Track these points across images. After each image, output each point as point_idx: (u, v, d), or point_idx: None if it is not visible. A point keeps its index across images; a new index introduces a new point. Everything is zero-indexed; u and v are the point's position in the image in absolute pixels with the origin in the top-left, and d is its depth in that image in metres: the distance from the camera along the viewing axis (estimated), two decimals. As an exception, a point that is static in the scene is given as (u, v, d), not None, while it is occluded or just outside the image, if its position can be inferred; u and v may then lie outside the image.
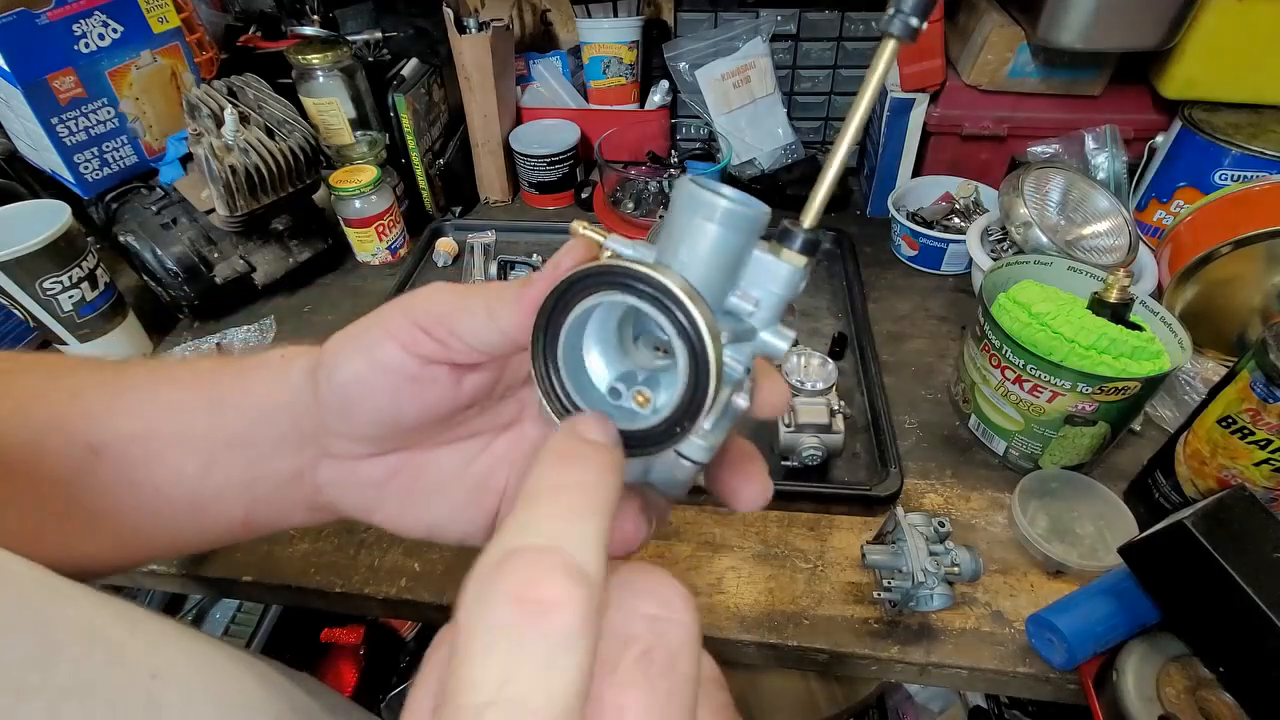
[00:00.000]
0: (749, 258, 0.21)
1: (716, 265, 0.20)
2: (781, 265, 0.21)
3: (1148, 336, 0.57)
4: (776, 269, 0.21)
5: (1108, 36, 0.73)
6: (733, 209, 0.19)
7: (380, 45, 0.95)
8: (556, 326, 0.21)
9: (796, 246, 0.20)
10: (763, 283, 0.21)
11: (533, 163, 0.98)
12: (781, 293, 0.21)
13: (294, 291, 0.89)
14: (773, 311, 0.21)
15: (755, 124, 1.00)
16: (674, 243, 0.20)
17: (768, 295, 0.21)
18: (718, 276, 0.20)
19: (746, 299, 0.21)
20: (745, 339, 0.21)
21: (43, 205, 0.71)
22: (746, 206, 0.20)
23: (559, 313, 0.21)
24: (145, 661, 0.21)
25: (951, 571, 0.50)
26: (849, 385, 0.73)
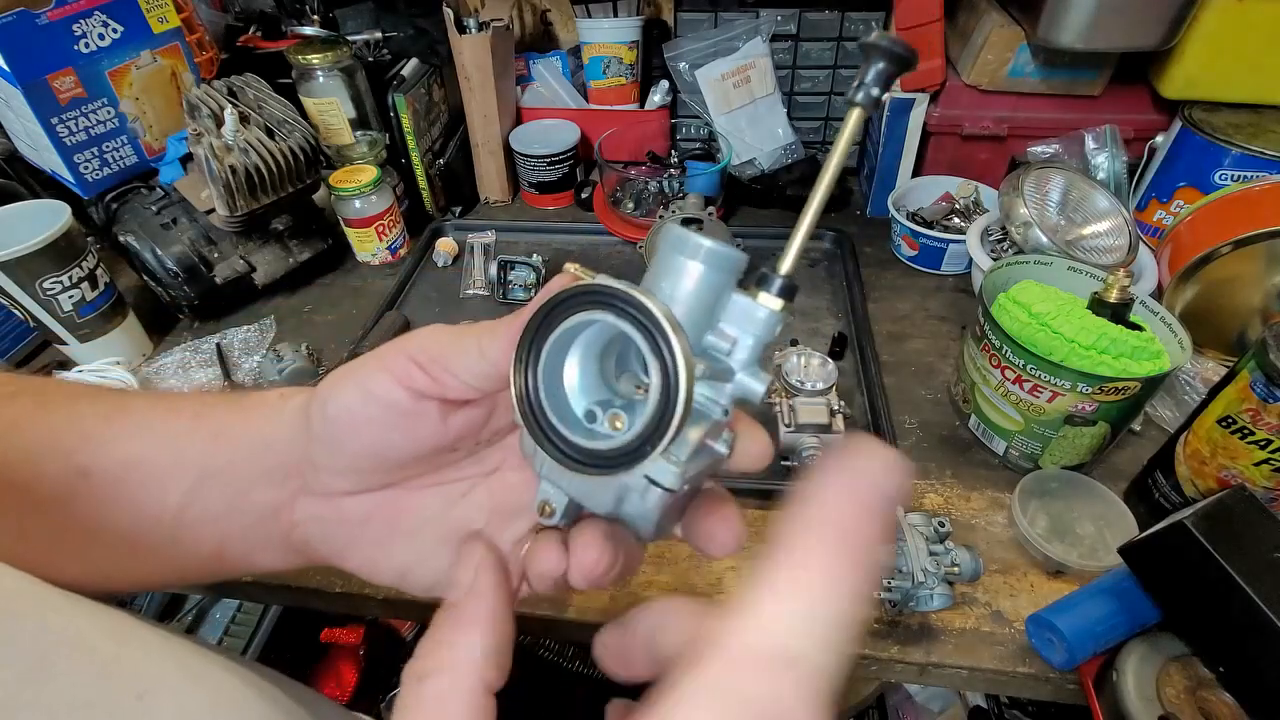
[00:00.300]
0: (728, 299, 0.22)
1: (697, 301, 0.21)
2: (759, 308, 0.21)
3: (1148, 336, 0.57)
4: (754, 311, 0.22)
5: (1108, 36, 0.73)
6: (715, 248, 0.21)
7: (380, 45, 0.95)
8: (540, 342, 0.22)
9: (774, 290, 0.21)
10: (740, 324, 0.22)
11: (533, 163, 0.98)
12: (759, 334, 0.22)
13: (294, 291, 0.89)
14: (750, 353, 0.22)
15: (755, 124, 1.00)
16: (658, 279, 0.21)
17: (745, 336, 0.22)
18: (698, 312, 0.21)
19: (724, 338, 0.22)
20: (723, 378, 0.22)
21: (43, 205, 0.71)
22: (727, 248, 0.21)
23: (544, 329, 0.22)
24: (137, 674, 0.21)
25: (951, 571, 0.50)
26: (849, 385, 0.73)
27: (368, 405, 0.25)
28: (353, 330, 0.82)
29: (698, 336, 0.22)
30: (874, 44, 0.20)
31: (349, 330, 0.83)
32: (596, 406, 0.22)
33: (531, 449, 0.24)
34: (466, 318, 0.82)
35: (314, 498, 0.29)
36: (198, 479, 0.28)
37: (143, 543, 0.29)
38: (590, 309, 0.21)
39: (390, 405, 0.25)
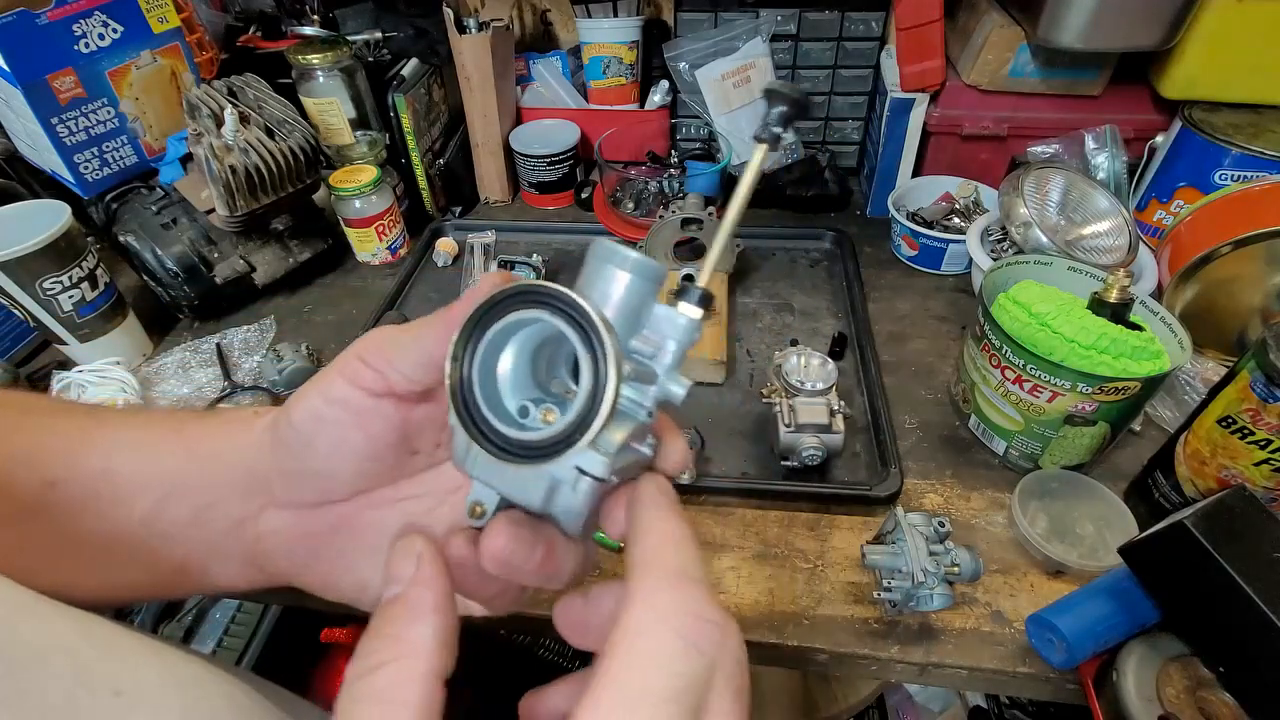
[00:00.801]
0: (651, 308, 0.24)
1: (625, 307, 0.23)
2: (680, 316, 0.24)
3: (1148, 336, 0.57)
4: (676, 319, 0.24)
5: (1108, 36, 0.73)
6: (642, 259, 0.23)
7: (380, 45, 0.95)
8: (478, 337, 0.23)
9: (694, 300, 0.24)
10: (663, 331, 0.24)
11: (533, 163, 0.98)
12: (680, 340, 0.24)
13: (294, 291, 0.89)
14: (672, 358, 0.24)
15: (755, 124, 1.00)
16: (589, 287, 0.23)
17: (668, 342, 0.24)
18: (625, 317, 0.23)
19: (648, 344, 0.24)
20: (647, 380, 0.24)
21: (43, 205, 0.71)
22: (653, 260, 0.23)
23: (482, 325, 0.23)
24: (112, 680, 0.22)
25: (951, 571, 0.50)
26: (849, 385, 0.73)
27: (329, 408, 0.26)
28: (353, 330, 0.82)
29: (624, 340, 0.23)
30: (775, 90, 0.24)
31: (349, 330, 0.83)
32: (529, 403, 0.24)
33: (464, 452, 0.24)
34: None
35: (280, 510, 0.29)
36: (166, 491, 0.29)
37: (110, 554, 0.29)
38: (528, 308, 0.22)
39: (346, 404, 0.26)
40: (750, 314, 0.83)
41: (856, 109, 1.01)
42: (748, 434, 0.69)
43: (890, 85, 0.88)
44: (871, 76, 0.98)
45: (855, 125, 1.03)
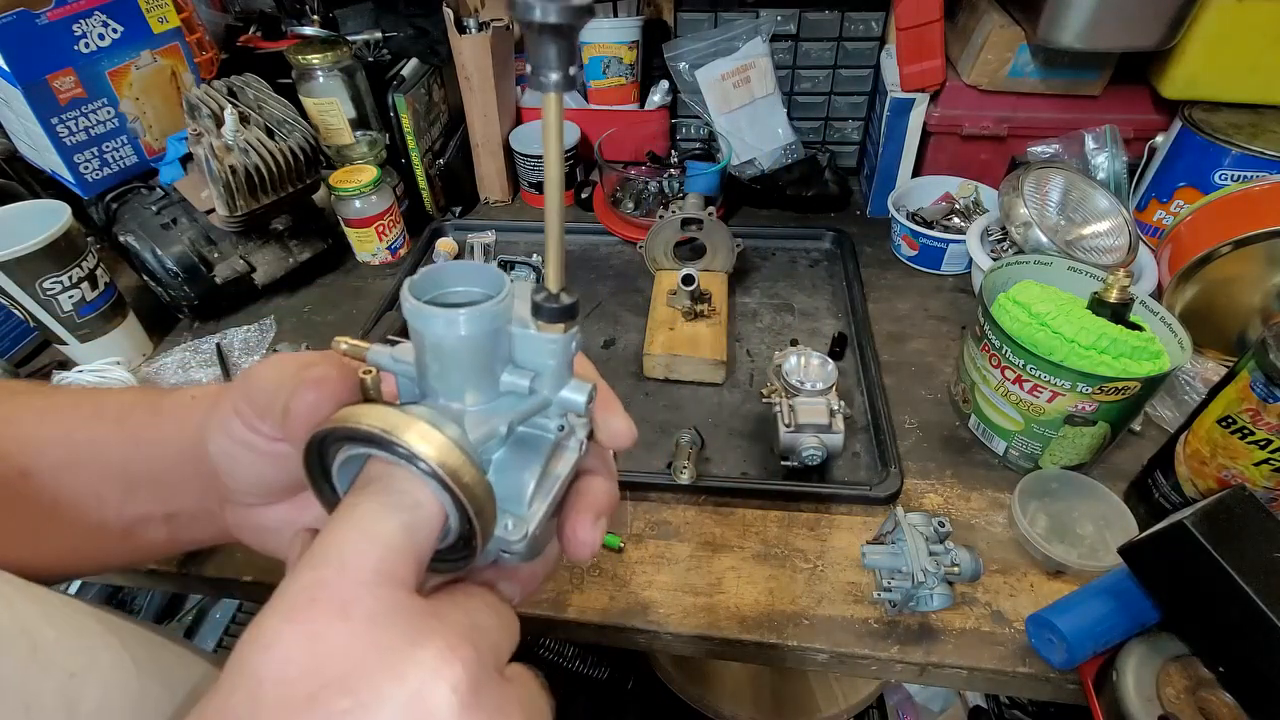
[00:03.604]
0: (509, 338, 0.21)
1: (473, 367, 0.21)
2: (542, 338, 0.21)
3: (1148, 336, 0.57)
4: (539, 343, 0.21)
5: (1108, 36, 0.73)
6: (470, 316, 0.19)
7: (380, 45, 0.95)
8: (326, 470, 0.22)
9: (550, 318, 0.21)
10: (531, 357, 0.21)
11: (533, 163, 0.98)
12: (554, 361, 0.21)
13: (294, 291, 0.89)
14: (554, 378, 0.22)
15: (755, 124, 1.00)
16: (423, 360, 0.21)
17: (542, 367, 0.21)
18: (478, 374, 0.21)
19: (522, 375, 0.21)
20: (540, 410, 0.22)
21: (43, 205, 0.71)
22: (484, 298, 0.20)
23: (324, 459, 0.21)
24: (67, 661, 0.22)
25: (951, 571, 0.50)
26: (849, 385, 0.73)
27: (236, 448, 0.25)
28: (353, 330, 0.82)
29: (491, 384, 0.21)
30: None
31: (349, 330, 0.83)
32: None
33: None
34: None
35: (236, 507, 0.29)
36: (128, 486, 0.29)
37: (94, 536, 0.30)
38: (350, 445, 0.20)
39: (250, 446, 0.25)
40: (750, 314, 0.83)
41: (856, 109, 1.01)
42: (748, 434, 0.69)
43: (890, 85, 0.88)
44: (871, 76, 0.98)
45: (855, 125, 1.03)
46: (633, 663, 1.02)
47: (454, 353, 0.20)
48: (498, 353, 0.21)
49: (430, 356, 0.21)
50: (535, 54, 0.17)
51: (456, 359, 0.20)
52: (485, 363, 0.21)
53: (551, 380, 0.22)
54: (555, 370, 0.22)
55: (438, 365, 0.21)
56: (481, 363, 0.21)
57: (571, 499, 0.25)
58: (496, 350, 0.21)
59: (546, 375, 0.22)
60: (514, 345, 0.22)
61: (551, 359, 0.21)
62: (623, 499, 0.63)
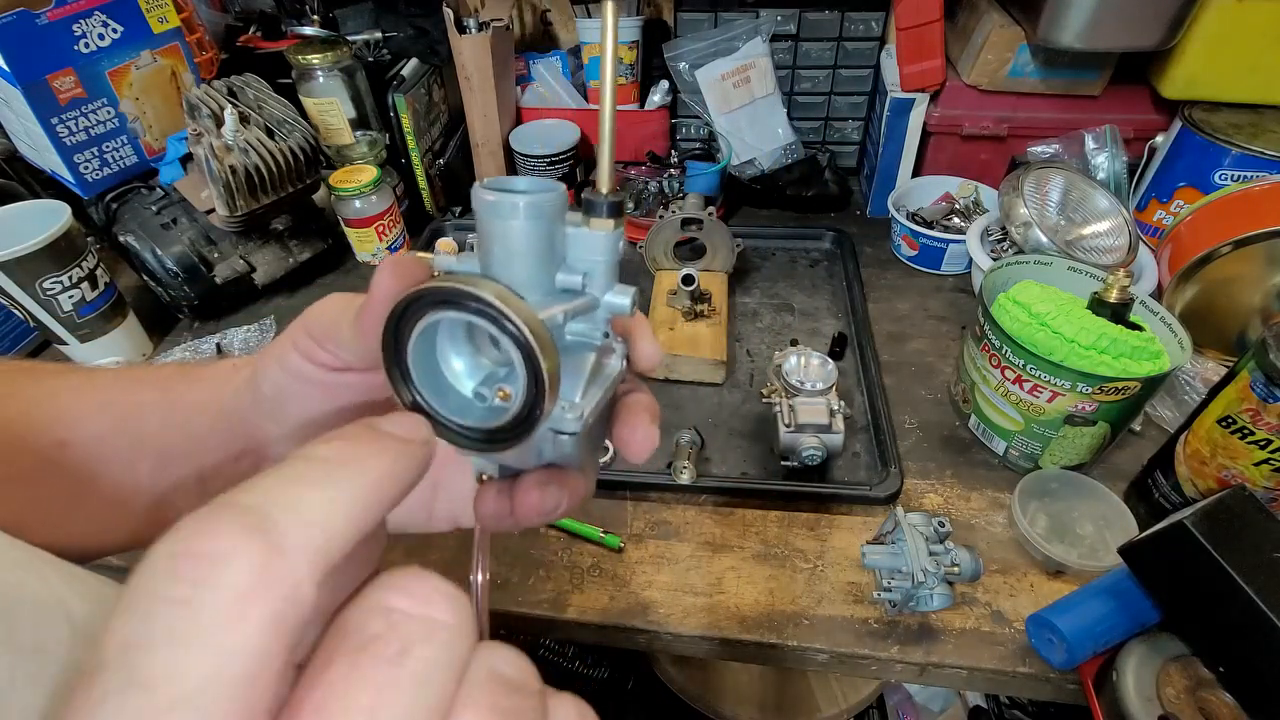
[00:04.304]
0: (563, 236, 0.23)
1: (533, 255, 0.22)
2: (594, 235, 0.23)
3: (1148, 336, 0.57)
4: (591, 240, 0.23)
5: (1108, 36, 0.73)
6: (531, 201, 0.21)
7: (380, 45, 0.95)
8: (402, 347, 0.22)
9: (602, 214, 0.22)
10: (584, 254, 0.23)
11: (533, 163, 0.98)
12: (603, 258, 0.23)
13: (294, 291, 0.89)
14: (604, 277, 0.23)
15: (755, 124, 1.00)
16: (488, 248, 0.22)
17: (592, 265, 0.23)
18: (537, 265, 0.22)
19: (574, 272, 0.23)
20: (590, 309, 0.23)
21: (43, 205, 0.71)
22: (544, 192, 0.22)
23: (401, 335, 0.22)
24: None
25: (951, 571, 0.50)
26: (849, 385, 0.73)
27: (292, 382, 0.26)
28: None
29: (547, 283, 0.23)
30: None
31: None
32: (483, 387, 0.23)
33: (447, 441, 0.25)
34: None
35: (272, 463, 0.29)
36: (162, 454, 0.29)
37: (126, 510, 0.30)
38: (432, 310, 0.21)
39: (306, 378, 0.26)
40: (750, 314, 0.83)
41: (856, 109, 1.01)
42: (748, 434, 0.69)
43: (890, 85, 0.88)
44: (871, 76, 0.98)
45: (855, 125, 1.03)
46: (633, 663, 1.02)
47: (517, 239, 0.22)
48: (554, 248, 0.23)
49: (496, 245, 0.22)
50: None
51: (518, 246, 0.22)
52: (543, 253, 0.22)
53: (600, 280, 0.23)
54: (604, 268, 0.23)
55: (503, 253, 0.22)
56: (540, 252, 0.22)
57: (619, 410, 0.26)
58: (553, 244, 0.22)
59: (596, 274, 0.23)
60: (567, 246, 0.23)
61: (601, 255, 0.23)
62: (623, 499, 0.63)
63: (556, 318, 0.22)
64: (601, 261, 0.23)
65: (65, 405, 0.29)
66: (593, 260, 0.23)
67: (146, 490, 0.30)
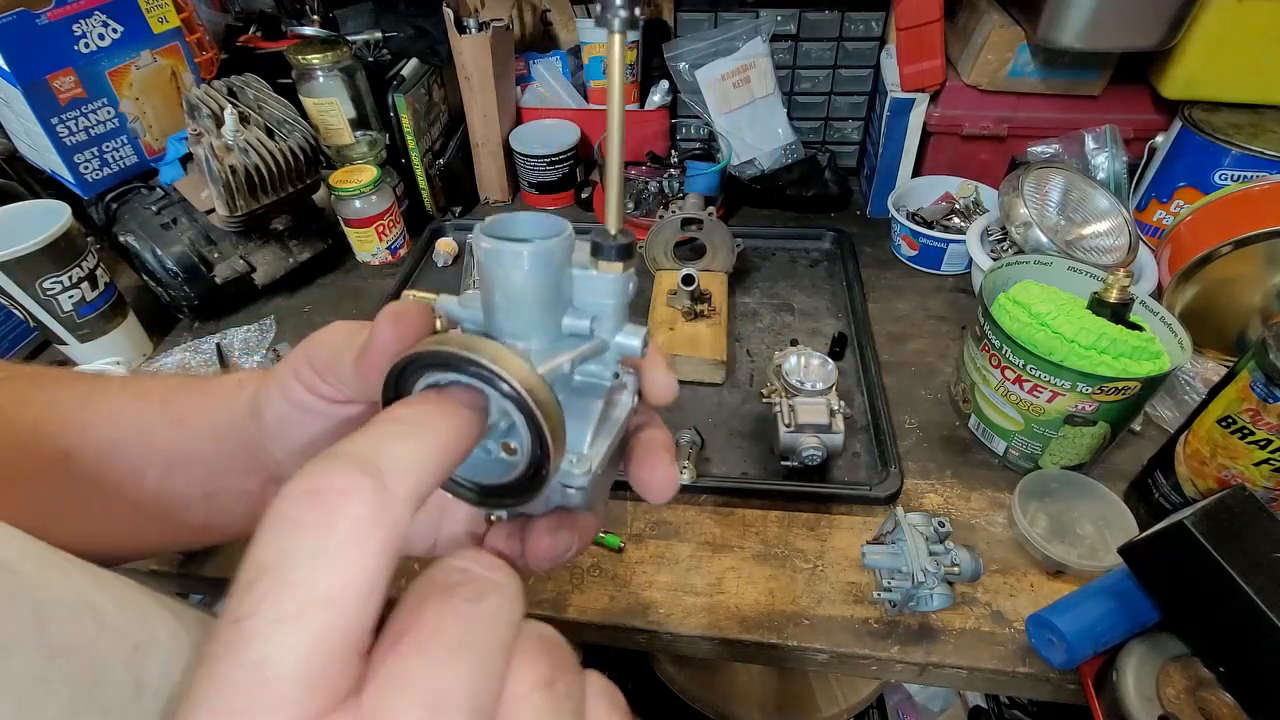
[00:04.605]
0: (570, 279, 0.22)
1: (538, 303, 0.21)
2: (602, 278, 0.22)
3: (1148, 336, 0.57)
4: (599, 283, 0.22)
5: (1108, 36, 0.73)
6: (536, 250, 0.20)
7: (380, 45, 0.95)
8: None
9: (611, 257, 0.21)
10: (592, 297, 0.22)
11: (533, 163, 0.98)
12: (613, 302, 0.22)
13: (294, 291, 0.89)
14: (613, 320, 0.22)
15: (755, 124, 1.00)
16: (490, 295, 0.21)
17: (601, 308, 0.22)
18: (542, 312, 0.21)
19: (582, 316, 0.22)
20: (599, 353, 0.22)
21: (43, 205, 0.71)
22: (549, 238, 0.21)
23: (402, 389, 0.21)
24: (130, 633, 0.22)
25: (951, 571, 0.50)
26: (849, 385, 0.73)
27: (294, 412, 0.26)
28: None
29: (554, 325, 0.22)
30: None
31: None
32: (487, 439, 0.22)
33: None
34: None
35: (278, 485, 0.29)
36: (168, 466, 0.29)
37: (132, 518, 0.30)
38: (430, 372, 0.20)
39: (308, 409, 0.26)
40: (750, 314, 0.83)
41: (856, 109, 1.01)
42: (748, 434, 0.69)
43: (890, 85, 0.88)
44: (871, 76, 0.98)
45: (855, 125, 1.03)
46: (633, 663, 1.02)
47: (520, 289, 0.21)
48: (560, 293, 0.22)
49: (498, 294, 0.21)
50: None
51: (522, 295, 0.21)
52: (549, 301, 0.21)
53: (609, 322, 0.22)
54: (613, 311, 0.22)
55: (505, 302, 0.21)
56: (545, 300, 0.21)
57: (635, 449, 0.26)
58: (559, 290, 0.22)
59: (605, 317, 0.22)
60: (574, 288, 0.22)
61: (610, 298, 0.22)
62: (623, 499, 0.63)
63: (563, 368, 0.21)
64: (610, 305, 0.22)
65: (71, 416, 0.29)
66: (601, 304, 0.22)
67: (154, 500, 0.30)
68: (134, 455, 0.29)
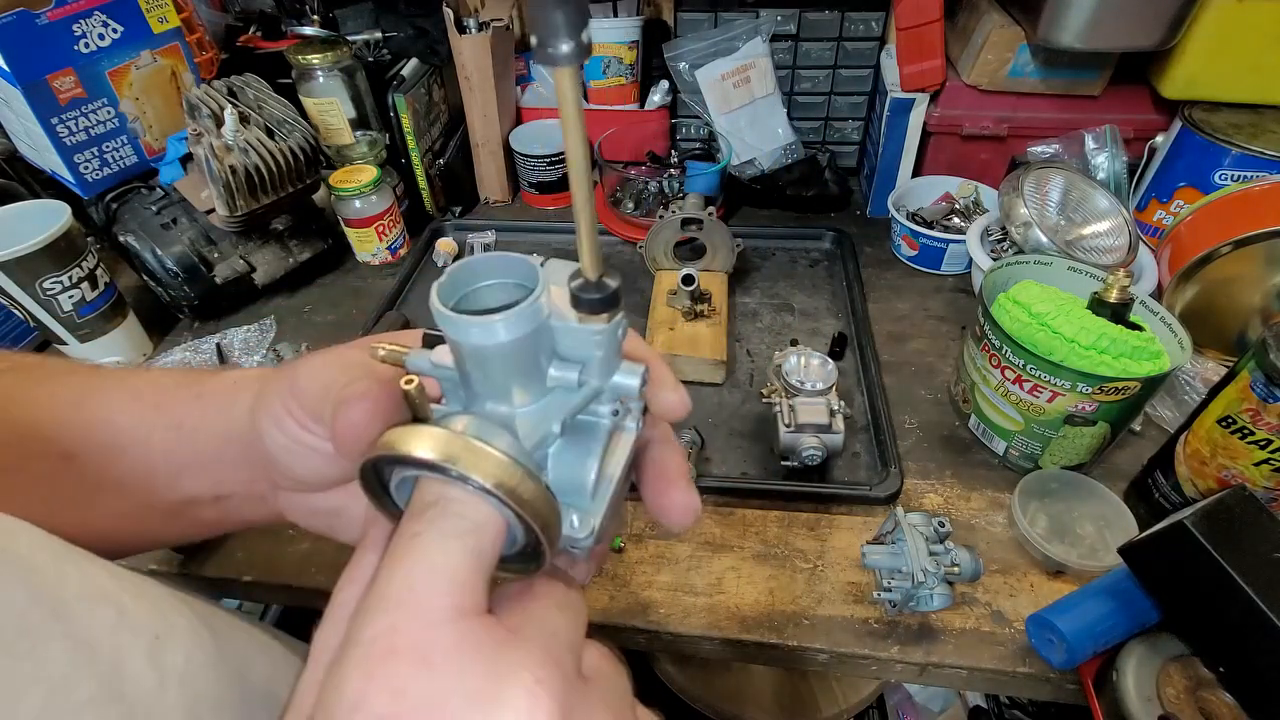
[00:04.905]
0: (550, 334, 0.20)
1: (517, 369, 0.20)
2: (585, 330, 0.20)
3: (1148, 336, 0.57)
4: (583, 335, 0.20)
5: (1108, 36, 0.73)
6: (508, 317, 0.18)
7: (380, 45, 0.95)
8: (385, 485, 0.21)
9: (591, 309, 0.19)
10: (577, 349, 0.20)
11: (533, 163, 0.98)
12: (599, 353, 0.20)
13: (294, 291, 0.89)
14: (602, 367, 0.20)
15: (755, 124, 1.00)
16: (465, 369, 0.20)
17: (589, 358, 0.20)
18: (523, 376, 0.20)
19: (569, 368, 0.20)
20: (593, 399, 0.21)
21: (43, 205, 0.71)
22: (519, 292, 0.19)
23: (382, 476, 0.21)
24: (149, 624, 0.23)
25: (951, 571, 0.50)
26: (849, 385, 0.73)
27: (293, 444, 0.25)
28: (353, 330, 0.82)
29: (538, 382, 0.20)
30: None
31: (349, 330, 0.83)
32: None
33: None
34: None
35: (286, 493, 0.29)
36: (173, 470, 0.29)
37: (141, 515, 0.30)
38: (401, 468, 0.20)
39: (305, 444, 0.25)
40: (750, 314, 0.83)
41: (856, 109, 1.01)
42: (748, 434, 0.69)
43: (890, 85, 0.88)
44: (871, 76, 0.98)
45: (855, 125, 1.03)
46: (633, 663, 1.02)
47: (493, 358, 0.19)
48: (541, 349, 0.20)
49: (471, 364, 0.20)
50: (541, 23, 0.14)
51: (497, 364, 0.19)
52: (529, 362, 0.20)
53: (600, 369, 0.20)
54: (602, 360, 0.20)
55: (479, 371, 0.20)
56: (525, 363, 0.20)
57: (647, 472, 0.25)
58: (539, 348, 0.20)
59: (594, 365, 0.20)
60: (558, 339, 0.20)
61: (598, 350, 0.20)
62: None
63: (553, 428, 0.20)
64: (597, 355, 0.20)
65: (68, 416, 0.29)
66: (588, 355, 0.20)
67: (164, 500, 0.29)
68: (137, 459, 0.29)
